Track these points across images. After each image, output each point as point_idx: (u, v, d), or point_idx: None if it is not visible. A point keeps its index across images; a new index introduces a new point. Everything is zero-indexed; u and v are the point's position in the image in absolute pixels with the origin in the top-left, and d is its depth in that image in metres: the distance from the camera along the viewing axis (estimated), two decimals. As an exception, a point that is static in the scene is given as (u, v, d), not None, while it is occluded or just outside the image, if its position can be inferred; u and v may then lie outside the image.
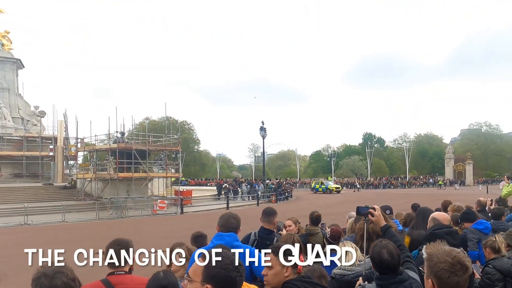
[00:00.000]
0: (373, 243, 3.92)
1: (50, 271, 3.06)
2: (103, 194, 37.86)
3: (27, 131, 49.50)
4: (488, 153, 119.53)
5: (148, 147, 40.99)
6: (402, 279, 3.65)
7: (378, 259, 3.65)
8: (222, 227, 4.70)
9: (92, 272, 3.61)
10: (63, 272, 3.07)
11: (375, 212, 4.70)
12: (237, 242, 4.57)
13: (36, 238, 20.59)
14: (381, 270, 3.69)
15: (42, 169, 48.67)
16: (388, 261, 3.63)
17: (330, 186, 66.85)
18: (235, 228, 4.71)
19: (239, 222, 4.85)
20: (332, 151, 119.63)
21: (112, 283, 3.80)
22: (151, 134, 47.17)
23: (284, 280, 3.22)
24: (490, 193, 42.46)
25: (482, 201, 9.83)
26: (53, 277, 2.99)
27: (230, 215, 4.87)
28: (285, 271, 3.22)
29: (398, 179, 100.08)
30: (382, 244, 3.75)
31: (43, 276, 3.00)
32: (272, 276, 3.24)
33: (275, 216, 6.25)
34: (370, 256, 3.82)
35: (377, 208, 4.79)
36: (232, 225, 4.70)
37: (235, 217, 4.85)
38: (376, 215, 4.70)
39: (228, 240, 4.42)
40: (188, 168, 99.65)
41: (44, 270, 3.07)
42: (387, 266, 3.64)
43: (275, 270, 3.23)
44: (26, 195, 38.07)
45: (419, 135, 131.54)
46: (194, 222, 25.25)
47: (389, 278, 3.62)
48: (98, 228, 23.42)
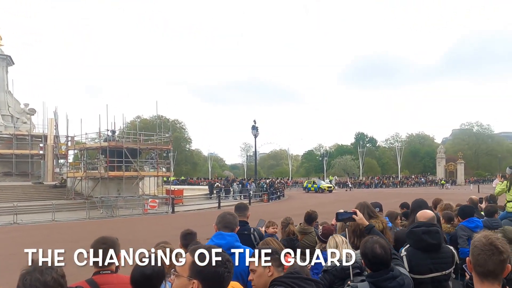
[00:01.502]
0: (364, 239, 3.89)
1: (40, 267, 2.98)
2: (93, 193, 37.63)
3: (16, 129, 49.06)
4: (479, 153, 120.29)
5: (139, 145, 40.85)
6: (394, 275, 3.62)
7: (371, 254, 3.60)
8: (219, 224, 4.63)
9: (77, 272, 3.46)
10: (53, 268, 3.00)
11: (356, 217, 4.77)
12: (238, 243, 4.47)
13: (26, 238, 20.43)
14: (374, 266, 3.63)
15: (32, 168, 48.39)
16: (382, 256, 3.59)
17: (322, 185, 67.04)
18: (231, 223, 4.64)
19: (235, 218, 4.80)
20: (324, 151, 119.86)
21: (98, 283, 3.69)
22: (142, 132, 47.08)
23: (269, 280, 3.22)
24: (481, 192, 42.62)
25: (474, 199, 9.84)
26: (44, 272, 2.91)
27: (227, 212, 4.85)
28: (268, 271, 3.24)
29: (390, 179, 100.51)
30: (373, 240, 3.73)
31: (33, 271, 2.92)
32: (256, 279, 3.29)
33: (247, 210, 6.41)
34: (362, 252, 3.76)
35: (357, 211, 4.86)
36: (228, 220, 4.63)
37: (231, 214, 4.83)
38: (357, 219, 4.78)
39: (229, 240, 4.34)
40: (179, 167, 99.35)
41: (34, 266, 3.01)
42: (381, 261, 3.60)
43: (258, 272, 3.27)
44: (15, 194, 37.82)
45: (411, 135, 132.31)
46: (186, 222, 25.06)
47: (382, 274, 3.57)
48: (89, 228, 23.24)
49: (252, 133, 51.04)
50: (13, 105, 52.47)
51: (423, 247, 4.05)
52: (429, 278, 4.01)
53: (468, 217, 7.16)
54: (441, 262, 4.09)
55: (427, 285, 3.99)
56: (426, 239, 4.08)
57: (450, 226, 7.28)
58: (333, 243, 5.10)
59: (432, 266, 4.03)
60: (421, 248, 4.07)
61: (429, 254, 4.07)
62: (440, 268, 4.06)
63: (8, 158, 47.15)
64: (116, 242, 3.90)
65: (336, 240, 5.12)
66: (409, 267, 4.04)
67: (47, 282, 2.90)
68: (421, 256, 4.09)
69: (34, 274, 2.90)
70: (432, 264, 4.04)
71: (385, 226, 5.35)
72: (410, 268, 4.02)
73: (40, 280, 2.88)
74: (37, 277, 2.90)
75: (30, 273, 2.92)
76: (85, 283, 3.68)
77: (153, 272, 3.46)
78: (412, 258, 4.11)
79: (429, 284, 4.00)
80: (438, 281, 4.04)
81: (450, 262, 4.13)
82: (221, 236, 4.46)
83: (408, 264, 4.07)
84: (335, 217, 4.99)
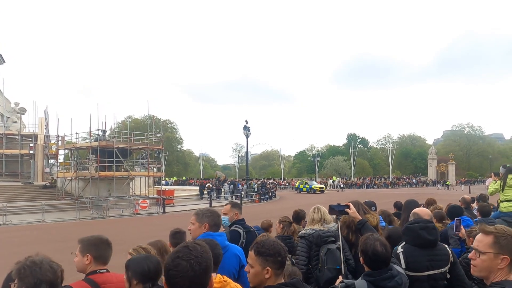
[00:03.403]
0: (364, 237, 3.83)
1: (36, 259, 2.91)
2: (83, 193, 37.40)
3: (7, 128, 48.73)
4: (470, 154, 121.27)
5: (130, 145, 40.61)
6: (393, 274, 3.59)
7: (372, 252, 3.55)
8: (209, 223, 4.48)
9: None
10: (48, 260, 2.94)
11: (350, 210, 4.87)
12: (227, 242, 4.43)
13: (15, 238, 20.30)
14: (374, 264, 3.59)
15: (22, 168, 48.00)
16: (383, 254, 3.56)
17: (314, 186, 67.30)
18: (218, 222, 4.55)
19: (219, 217, 4.65)
20: (316, 151, 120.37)
21: (97, 282, 3.60)
22: (133, 132, 46.82)
23: (265, 282, 2.99)
24: (472, 193, 42.85)
25: (467, 198, 9.83)
26: (42, 262, 2.88)
27: (208, 209, 4.66)
28: (265, 273, 2.97)
29: (381, 179, 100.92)
30: (374, 237, 3.70)
31: (30, 263, 2.86)
32: (252, 276, 3.03)
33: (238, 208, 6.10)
34: (362, 250, 3.69)
35: (350, 204, 4.96)
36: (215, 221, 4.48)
37: (215, 211, 4.65)
38: (350, 212, 4.88)
39: (220, 240, 4.21)
40: (170, 167, 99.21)
41: (30, 259, 2.92)
42: (381, 259, 3.57)
43: (255, 270, 3.01)
44: (5, 194, 37.50)
45: (403, 136, 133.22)
46: (176, 222, 24.71)
47: (381, 273, 3.54)
48: (79, 228, 23.02)
49: (244, 134, 50.93)
50: (3, 104, 51.96)
51: (420, 244, 4.04)
52: (426, 276, 3.97)
53: (457, 216, 7.10)
54: (438, 260, 4.05)
55: (423, 283, 3.96)
56: (423, 235, 4.05)
57: (441, 225, 7.23)
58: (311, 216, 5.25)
59: (428, 264, 3.99)
60: (418, 244, 4.06)
61: (426, 251, 4.04)
62: (437, 266, 4.02)
63: (-2, 158, 46.73)
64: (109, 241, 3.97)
65: (315, 215, 5.22)
66: (406, 264, 4.00)
67: (46, 271, 2.86)
68: (418, 253, 4.05)
69: (34, 266, 2.84)
70: (429, 261, 4.00)
71: (378, 222, 5.34)
72: (406, 265, 3.99)
73: (40, 270, 2.84)
74: (35, 268, 2.84)
75: (30, 266, 2.84)
76: (83, 283, 3.59)
77: (151, 264, 3.36)
78: (409, 255, 4.06)
79: (425, 282, 3.97)
80: (434, 279, 4.00)
81: (446, 260, 4.09)
82: (211, 237, 4.34)
83: (405, 261, 4.03)
84: (328, 209, 4.94)
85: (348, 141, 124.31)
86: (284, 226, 6.78)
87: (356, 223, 4.93)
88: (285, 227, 6.77)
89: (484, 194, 10.67)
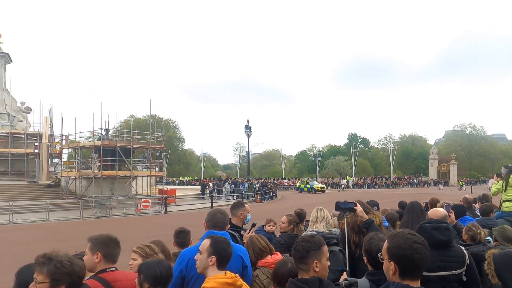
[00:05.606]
0: (368, 236, 3.88)
1: (52, 255, 2.94)
2: (87, 192, 37.53)
3: (13, 128, 48.65)
4: (472, 154, 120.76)
5: (132, 145, 40.68)
6: None
7: (377, 252, 3.49)
8: (208, 222, 4.59)
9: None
10: (61, 253, 2.99)
11: (358, 208, 4.96)
12: (230, 241, 4.47)
13: (22, 237, 20.43)
14: (378, 263, 3.47)
15: (27, 167, 47.94)
16: None
17: (315, 185, 67.17)
18: (221, 222, 4.58)
19: (226, 217, 4.74)
20: (317, 151, 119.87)
21: (108, 280, 3.60)
22: (135, 131, 46.82)
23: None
24: (474, 193, 42.71)
25: (469, 198, 9.85)
26: (57, 256, 2.91)
27: (217, 210, 4.76)
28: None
29: (382, 179, 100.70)
30: (379, 237, 3.71)
31: (51, 257, 2.90)
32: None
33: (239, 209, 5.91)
34: (367, 249, 3.73)
35: (358, 203, 5.03)
36: (218, 219, 4.58)
37: (222, 212, 4.72)
38: (358, 210, 4.96)
39: None
40: (172, 167, 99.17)
41: (46, 255, 2.94)
42: None
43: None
44: (11, 193, 37.74)
45: (404, 136, 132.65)
46: (178, 221, 24.92)
47: (383, 273, 3.42)
48: (82, 228, 23.12)
49: (245, 133, 50.90)
50: (10, 103, 51.97)
51: (432, 244, 3.89)
52: (437, 277, 3.89)
53: (461, 216, 7.18)
54: (451, 261, 4.00)
55: (435, 283, 3.86)
56: (435, 235, 3.98)
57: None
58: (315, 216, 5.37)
59: (440, 264, 3.93)
60: (430, 244, 3.97)
61: (438, 251, 3.95)
62: (450, 267, 3.97)
63: (5, 157, 46.83)
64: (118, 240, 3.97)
65: (318, 214, 5.34)
66: None
67: (63, 263, 2.91)
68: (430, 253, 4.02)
69: (53, 260, 2.88)
70: (441, 261, 3.94)
71: (381, 222, 5.44)
72: None
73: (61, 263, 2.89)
74: (56, 263, 2.88)
75: (51, 260, 2.88)
76: (95, 281, 3.55)
77: (163, 268, 3.55)
78: None
79: (437, 282, 3.88)
80: (447, 280, 3.94)
81: (461, 262, 4.03)
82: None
83: None
84: (335, 206, 5.06)
85: (349, 141, 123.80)
86: (293, 226, 6.90)
87: (363, 222, 4.96)
88: (294, 227, 6.89)
89: (487, 194, 10.71)
